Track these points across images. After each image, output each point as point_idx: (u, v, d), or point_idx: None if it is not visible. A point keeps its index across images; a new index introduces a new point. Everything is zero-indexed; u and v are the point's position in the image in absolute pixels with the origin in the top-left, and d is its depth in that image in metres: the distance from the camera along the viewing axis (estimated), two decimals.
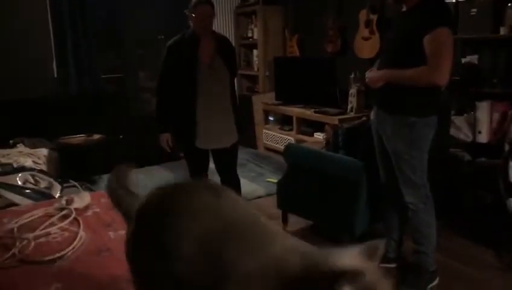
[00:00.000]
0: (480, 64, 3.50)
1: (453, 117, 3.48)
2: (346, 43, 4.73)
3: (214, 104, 3.00)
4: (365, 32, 4.34)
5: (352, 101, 4.50)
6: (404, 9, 2.40)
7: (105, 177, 4.60)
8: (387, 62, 2.42)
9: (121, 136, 4.91)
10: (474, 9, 3.38)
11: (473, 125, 3.39)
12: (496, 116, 3.27)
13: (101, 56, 5.24)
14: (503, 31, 3.23)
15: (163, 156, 5.02)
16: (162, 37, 5.33)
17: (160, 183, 0.94)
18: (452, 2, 3.45)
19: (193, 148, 3.07)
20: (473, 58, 3.54)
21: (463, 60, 3.56)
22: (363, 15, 4.35)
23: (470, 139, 3.40)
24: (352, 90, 4.48)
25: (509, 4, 3.15)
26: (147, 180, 4.62)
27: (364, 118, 3.47)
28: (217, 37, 3.07)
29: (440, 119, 2.50)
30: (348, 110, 4.55)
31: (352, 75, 4.49)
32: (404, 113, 2.33)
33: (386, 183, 2.67)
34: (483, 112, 3.32)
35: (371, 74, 2.43)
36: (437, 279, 2.59)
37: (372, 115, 2.64)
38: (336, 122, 4.35)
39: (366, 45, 4.33)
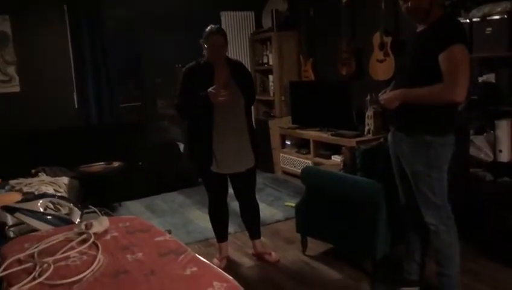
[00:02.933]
0: (498, 82, 3.47)
1: (472, 137, 3.43)
2: (360, 66, 4.75)
3: (229, 129, 3.03)
4: (379, 55, 4.36)
5: (369, 123, 4.49)
6: (418, 29, 2.41)
7: (125, 204, 4.66)
8: (403, 82, 2.42)
9: (140, 163, 4.97)
10: (489, 28, 3.37)
11: (494, 145, 3.33)
12: None
13: (120, 86, 5.37)
14: None
15: (181, 183, 5.08)
16: (179, 65, 5.45)
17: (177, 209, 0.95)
18: (467, 22, 3.45)
19: (210, 173, 3.08)
20: (490, 77, 3.51)
21: (480, 79, 3.53)
22: (376, 38, 4.38)
23: (491, 158, 3.34)
24: (369, 112, 4.47)
25: None
26: (165, 206, 4.64)
27: (381, 140, 3.44)
28: (231, 63, 3.13)
29: (459, 139, 2.47)
30: (365, 132, 4.54)
31: (368, 97, 4.49)
32: (421, 133, 2.32)
33: (405, 205, 2.63)
34: (503, 130, 3.26)
35: (386, 95, 2.43)
36: None
37: (389, 136, 2.63)
38: (353, 144, 4.33)
39: (381, 67, 4.35)
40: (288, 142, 5.59)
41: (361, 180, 2.96)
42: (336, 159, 4.67)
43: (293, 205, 3.68)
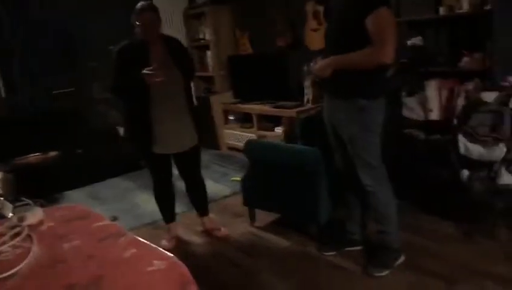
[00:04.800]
0: (425, 44, 3.61)
1: (405, 99, 3.57)
2: (296, 36, 4.78)
3: (169, 108, 2.95)
4: (314, 24, 4.40)
5: (308, 93, 4.56)
6: None
7: (68, 194, 4.50)
8: (331, 49, 2.45)
9: (79, 151, 4.80)
10: None
11: (424, 105, 3.49)
12: (445, 93, 3.38)
13: (51, 71, 5.10)
14: (442, 11, 3.34)
15: (124, 167, 4.96)
16: (112, 47, 5.23)
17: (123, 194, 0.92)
18: None
19: (152, 155, 3.02)
20: (417, 40, 3.65)
21: (409, 42, 3.66)
22: (310, 6, 4.41)
23: (422, 118, 3.50)
24: (307, 82, 4.53)
25: None
26: (109, 192, 4.53)
27: (319, 108, 3.51)
28: (167, 40, 3.03)
29: (391, 101, 2.56)
30: (305, 102, 4.60)
31: (305, 67, 4.54)
32: (354, 97, 2.38)
33: (342, 169, 2.71)
34: (432, 90, 3.41)
35: (319, 64, 2.46)
36: (403, 256, 2.65)
37: (324, 104, 2.68)
38: (294, 114, 4.40)
39: (316, 36, 4.39)
40: (231, 118, 5.58)
41: (301, 148, 3.02)
42: (279, 130, 4.72)
43: (239, 179, 3.70)
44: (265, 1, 5.06)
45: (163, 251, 1.48)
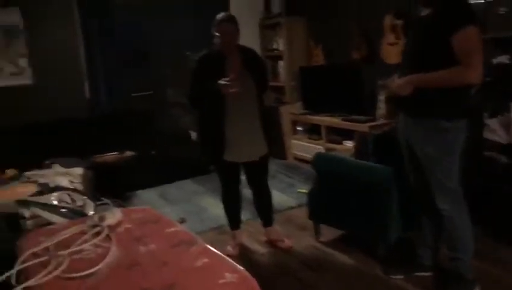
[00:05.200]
0: None
1: (487, 119, 3.38)
2: (372, 50, 4.69)
3: (241, 118, 3.02)
4: (391, 38, 4.29)
5: (381, 108, 4.44)
6: (424, 13, 2.36)
7: (139, 193, 4.71)
8: (411, 66, 2.38)
9: (152, 152, 5.00)
10: (503, 8, 3.29)
11: (508, 127, 3.28)
12: None
13: (130, 75, 5.38)
14: None
15: (193, 170, 5.11)
16: (189, 53, 5.43)
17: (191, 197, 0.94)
18: (481, 2, 3.38)
19: (223, 162, 3.09)
20: (504, 58, 3.44)
21: (494, 61, 3.47)
22: (388, 20, 4.31)
23: (505, 141, 3.29)
24: (381, 97, 4.42)
25: None
26: (178, 194, 4.68)
27: (393, 124, 3.41)
28: (244, 51, 3.09)
29: (473, 122, 2.43)
30: (378, 116, 4.49)
31: (380, 81, 4.44)
32: (434, 118, 2.29)
33: (416, 190, 2.61)
34: None
35: (398, 81, 2.39)
36: (477, 287, 2.50)
37: (399, 122, 2.60)
38: (365, 129, 4.31)
39: (393, 51, 4.28)
40: (299, 128, 5.57)
41: (373, 165, 2.95)
42: (348, 144, 4.65)
43: (306, 191, 3.68)
44: (342, 14, 5.02)
45: (235, 263, 1.50)
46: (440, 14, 2.26)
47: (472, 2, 3.29)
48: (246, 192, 3.44)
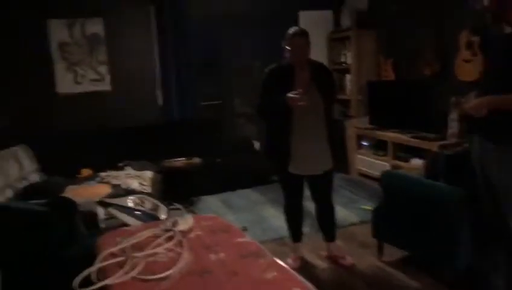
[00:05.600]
0: None
1: None
2: (445, 66, 4.54)
3: (308, 131, 3.04)
4: (467, 54, 4.13)
5: (453, 127, 4.28)
6: (507, 31, 2.27)
7: (203, 199, 4.84)
8: (492, 87, 2.29)
9: (218, 160, 5.13)
10: None
11: None
12: None
13: (201, 84, 5.57)
14: None
15: (255, 180, 5.18)
16: (258, 64, 5.53)
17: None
18: None
19: (287, 174, 3.11)
20: None
21: None
22: (463, 36, 4.16)
23: None
24: (453, 115, 4.26)
25: None
26: (240, 202, 4.75)
27: (466, 145, 3.28)
28: (313, 64, 3.11)
29: None
30: (448, 135, 4.33)
31: (453, 99, 4.27)
32: None
33: (490, 216, 2.49)
34: None
35: (474, 101, 2.31)
36: None
37: (474, 144, 2.50)
38: (435, 148, 4.16)
39: (468, 67, 4.12)
40: (364, 143, 5.48)
41: (444, 187, 2.85)
42: (416, 162, 4.51)
43: (370, 208, 3.62)
44: (413, 28, 4.91)
45: (303, 279, 1.52)
46: None
47: None
48: (309, 206, 3.44)
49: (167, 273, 1.61)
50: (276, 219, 4.06)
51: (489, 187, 2.40)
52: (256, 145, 5.48)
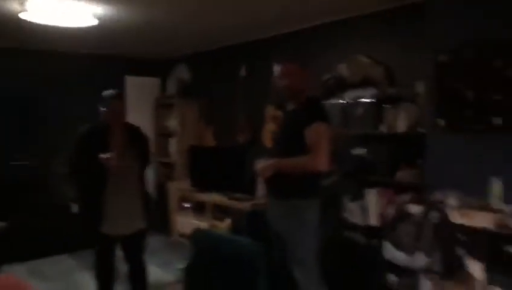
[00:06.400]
0: (368, 156, 3.93)
1: (349, 203, 3.80)
2: (255, 134, 5.10)
3: (121, 190, 3.10)
4: (271, 126, 4.74)
5: (260, 188, 4.76)
6: (289, 108, 2.77)
7: (11, 267, 4.35)
8: (277, 153, 2.72)
9: (27, 224, 4.74)
10: (360, 109, 3.87)
11: (365, 210, 3.72)
12: (382, 201, 3.64)
13: (9, 142, 5.19)
14: (382, 128, 3.71)
15: (72, 244, 4.90)
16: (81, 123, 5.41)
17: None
18: (343, 103, 3.92)
19: (100, 234, 3.09)
20: (362, 151, 3.98)
21: (354, 152, 3.99)
22: (269, 110, 4.78)
23: (363, 222, 3.71)
24: (260, 178, 4.74)
25: (386, 106, 3.66)
26: (54, 269, 4.42)
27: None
28: (128, 127, 3.24)
29: (331, 204, 2.78)
30: (257, 196, 4.79)
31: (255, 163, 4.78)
32: (289, 197, 2.61)
33: (279, 263, 2.84)
34: (372, 197, 3.68)
35: (262, 164, 2.71)
36: None
37: (268, 201, 2.88)
38: (248, 207, 4.55)
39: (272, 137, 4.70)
40: (186, 205, 5.67)
41: (243, 240, 3.13)
42: (229, 221, 4.84)
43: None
44: (231, 101, 5.45)
45: None
46: (301, 110, 2.67)
47: (334, 102, 3.86)
48: (122, 268, 3.41)
49: None
50: (90, 286, 3.88)
51: (278, 237, 2.76)
52: (74, 207, 5.22)
